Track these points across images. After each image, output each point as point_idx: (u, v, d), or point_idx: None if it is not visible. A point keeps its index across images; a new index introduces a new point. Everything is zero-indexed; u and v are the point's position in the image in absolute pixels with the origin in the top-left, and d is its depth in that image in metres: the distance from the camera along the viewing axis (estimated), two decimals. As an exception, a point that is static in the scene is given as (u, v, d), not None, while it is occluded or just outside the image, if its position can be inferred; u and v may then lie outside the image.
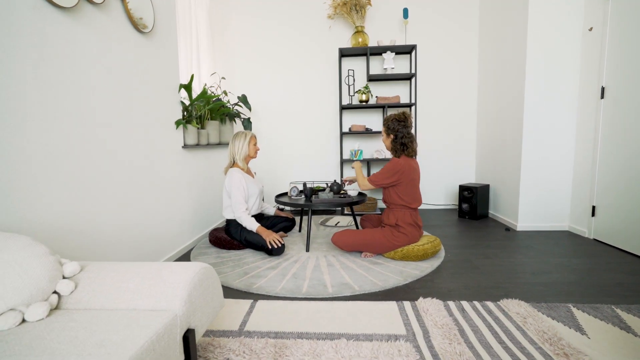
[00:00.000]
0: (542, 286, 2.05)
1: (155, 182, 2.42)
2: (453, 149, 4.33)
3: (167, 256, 2.55)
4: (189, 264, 1.28)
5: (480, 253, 2.67)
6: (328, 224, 3.60)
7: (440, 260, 2.52)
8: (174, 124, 2.70)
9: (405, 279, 2.18)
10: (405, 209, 2.50)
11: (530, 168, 3.21)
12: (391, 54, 3.95)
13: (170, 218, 2.62)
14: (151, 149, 2.37)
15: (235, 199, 2.70)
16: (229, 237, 2.84)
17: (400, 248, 2.49)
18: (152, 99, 2.40)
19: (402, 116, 2.51)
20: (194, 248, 2.91)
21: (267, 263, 2.51)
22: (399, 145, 2.50)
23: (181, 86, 2.76)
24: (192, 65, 3.67)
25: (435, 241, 2.55)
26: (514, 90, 3.34)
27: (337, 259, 2.56)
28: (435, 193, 4.40)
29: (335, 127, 4.39)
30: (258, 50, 4.36)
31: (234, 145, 2.81)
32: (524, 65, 3.13)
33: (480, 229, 3.40)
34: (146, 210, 2.30)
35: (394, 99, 4.00)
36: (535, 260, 2.49)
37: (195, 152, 3.09)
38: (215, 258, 2.65)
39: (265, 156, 4.51)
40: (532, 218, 3.27)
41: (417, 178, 2.54)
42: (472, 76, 4.20)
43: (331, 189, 3.01)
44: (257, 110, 4.43)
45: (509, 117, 3.45)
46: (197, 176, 3.11)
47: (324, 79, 4.34)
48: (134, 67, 2.18)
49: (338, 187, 3.01)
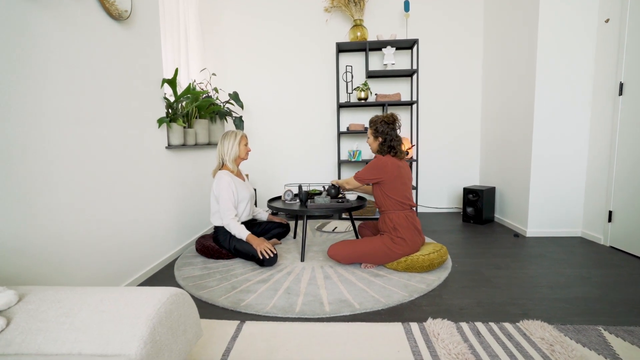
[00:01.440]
0: (563, 302, 1.83)
1: (134, 187, 2.18)
2: (456, 149, 4.12)
3: (148, 268, 2.32)
4: (155, 291, 1.06)
5: (490, 262, 2.46)
6: (325, 229, 3.37)
7: (448, 271, 2.30)
8: (156, 122, 2.46)
9: (410, 294, 1.96)
10: (399, 211, 2.30)
11: (541, 169, 3.00)
12: (391, 49, 3.73)
13: (152, 226, 2.39)
14: (129, 150, 2.13)
15: (223, 204, 2.47)
16: (217, 246, 2.61)
17: (404, 258, 2.27)
18: (131, 94, 2.16)
19: (391, 118, 2.37)
20: (179, 257, 2.67)
21: (257, 275, 2.29)
22: (386, 147, 2.36)
23: (164, 81, 2.53)
24: (180, 60, 3.44)
25: (441, 250, 2.34)
26: (523, 86, 3.13)
27: (335, 270, 2.34)
28: (438, 196, 4.19)
29: (332, 126, 4.17)
30: (251, 45, 4.12)
31: (223, 145, 2.58)
32: (535, 60, 2.92)
33: (487, 234, 3.19)
34: (122, 219, 2.07)
35: (394, 97, 3.78)
36: (550, 271, 2.28)
37: (181, 153, 2.86)
38: (201, 269, 2.42)
39: (258, 157, 4.28)
40: (543, 223, 3.06)
41: (406, 176, 2.35)
42: (476, 72, 3.99)
43: (328, 193, 2.79)
44: (250, 108, 4.20)
45: (517, 115, 3.24)
46: (183, 179, 2.88)
47: (321, 75, 4.11)
48: (107, 59, 1.94)
49: (336, 190, 2.79)
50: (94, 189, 1.82)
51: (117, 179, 2.02)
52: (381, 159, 2.30)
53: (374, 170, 2.29)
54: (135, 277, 2.17)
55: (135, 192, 2.19)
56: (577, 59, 2.87)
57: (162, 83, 2.51)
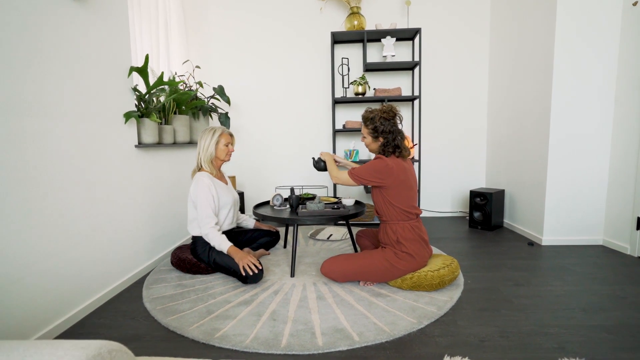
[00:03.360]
0: (604, 332, 1.53)
1: (93, 192, 1.84)
2: (460, 148, 3.82)
3: (110, 287, 1.98)
4: (77, 349, 0.72)
5: (506, 277, 2.15)
6: (319, 237, 3.05)
7: (460, 289, 1.99)
8: (123, 117, 2.13)
9: (419, 320, 1.64)
10: (404, 221, 1.97)
11: (558, 171, 2.70)
12: (391, 39, 3.42)
13: (117, 237, 2.05)
14: (86, 149, 1.79)
15: (201, 210, 2.14)
16: (195, 259, 2.27)
17: (410, 275, 1.96)
18: (90, 83, 1.82)
19: (391, 112, 1.99)
20: (152, 272, 2.34)
21: (239, 295, 1.96)
22: (391, 148, 1.99)
23: (132, 69, 2.19)
24: (160, 50, 3.10)
25: (452, 264, 2.02)
26: (537, 79, 2.83)
27: (330, 288, 2.01)
28: (441, 199, 3.88)
29: (327, 123, 3.85)
30: (239, 35, 3.79)
31: (199, 142, 2.25)
32: (552, 49, 2.62)
33: (498, 242, 2.88)
34: (78, 231, 1.73)
35: (394, 91, 3.47)
36: (578, 288, 1.97)
37: (155, 152, 2.52)
38: (175, 287, 2.08)
39: (247, 157, 3.95)
40: (560, 230, 2.77)
41: (412, 181, 2.02)
42: (483, 64, 3.69)
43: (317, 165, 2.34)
44: (237, 104, 3.86)
45: (530, 111, 2.95)
46: (158, 182, 2.54)
47: (314, 68, 3.79)
48: (58, 40, 1.61)
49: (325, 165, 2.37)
50: (37, 196, 1.49)
51: (69, 182, 1.68)
52: (385, 160, 1.95)
53: (377, 173, 1.94)
54: (90, 300, 1.83)
55: (95, 197, 1.86)
56: (599, 47, 2.57)
57: (130, 72, 2.17)
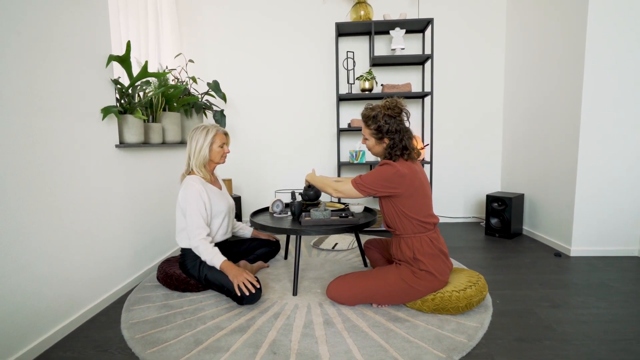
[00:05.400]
0: (676, 372, 1.26)
1: (63, 199, 1.57)
2: (473, 148, 3.55)
3: (85, 309, 1.70)
4: None
5: (540, 297, 1.88)
6: (323, 246, 2.78)
7: (489, 311, 1.72)
8: (100, 113, 1.85)
9: (448, 354, 1.37)
10: (421, 234, 1.70)
11: (589, 175, 2.44)
12: (401, 31, 3.15)
13: (93, 252, 1.77)
14: (53, 148, 1.52)
15: (191, 220, 1.87)
16: (184, 274, 2.00)
17: (431, 295, 1.69)
18: (57, 73, 1.55)
19: (396, 108, 1.70)
20: (135, 289, 2.06)
21: (234, 319, 1.68)
22: (398, 151, 1.69)
23: (112, 58, 1.91)
24: (149, 42, 2.83)
25: (479, 282, 1.75)
26: (565, 71, 2.57)
27: (338, 311, 1.74)
28: (452, 203, 3.61)
29: (330, 122, 3.58)
30: (236, 27, 3.52)
31: (190, 144, 1.98)
32: (584, 37, 2.36)
33: (521, 253, 2.61)
34: (42, 246, 1.46)
35: (404, 87, 3.21)
36: (630, 311, 1.70)
37: (140, 153, 2.24)
38: (159, 308, 1.81)
39: (244, 158, 3.67)
40: (591, 240, 2.50)
41: (426, 185, 1.75)
42: (499, 57, 3.42)
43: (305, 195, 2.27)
44: (234, 101, 3.59)
45: (557, 107, 2.68)
46: (142, 186, 2.27)
47: (317, 62, 3.52)
48: (15, 23, 1.33)
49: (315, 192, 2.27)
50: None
51: (32, 188, 1.41)
52: (394, 166, 1.64)
53: (387, 181, 1.64)
54: (57, 327, 1.55)
55: (64, 205, 1.58)
56: (636, 36, 2.31)
57: (109, 61, 1.90)
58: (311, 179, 1.96)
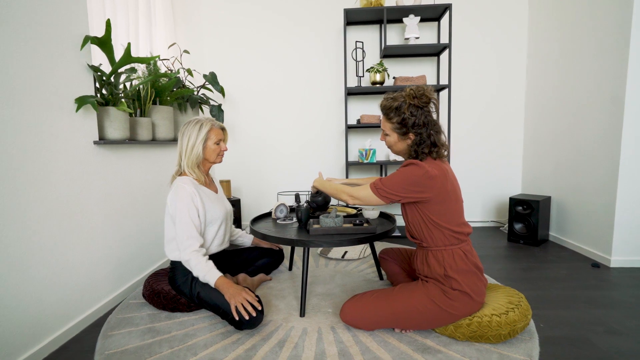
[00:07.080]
0: None
1: (27, 204, 1.29)
2: (493, 146, 3.27)
3: (52, 337, 1.43)
4: None
5: (591, 319, 1.60)
6: (330, 255, 2.50)
7: (535, 339, 1.44)
8: (74, 103, 1.58)
9: (498, 402, 1.09)
10: (453, 246, 1.42)
11: (632, 178, 2.16)
12: (415, 18, 2.88)
13: (65, 267, 1.50)
14: (20, 145, 1.24)
15: (181, 228, 1.59)
16: (174, 291, 1.72)
17: (467, 319, 1.41)
18: (22, 55, 1.28)
19: (424, 97, 1.40)
20: (116, 309, 1.78)
21: (230, 348, 1.41)
22: (426, 148, 1.41)
23: (88, 39, 1.64)
24: (139, 28, 2.56)
25: (521, 303, 1.47)
26: (604, 62, 2.29)
27: (355, 339, 1.47)
28: (470, 206, 3.33)
29: (338, 118, 3.30)
30: (235, 15, 3.24)
31: (181, 140, 1.70)
32: (629, 24, 2.08)
33: (553, 263, 2.34)
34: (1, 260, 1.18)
35: (418, 80, 2.93)
36: (699, 338, 1.43)
37: (125, 151, 1.97)
38: (143, 334, 1.53)
39: (244, 157, 3.40)
40: (633, 249, 2.22)
41: (457, 188, 1.48)
42: (522, 46, 3.14)
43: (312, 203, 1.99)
44: (233, 95, 3.31)
45: (592, 102, 2.40)
46: (127, 189, 1.99)
47: (324, 53, 3.24)
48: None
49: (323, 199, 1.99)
50: None
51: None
52: (422, 166, 1.36)
53: (414, 185, 1.36)
54: (18, 360, 1.27)
55: (28, 210, 1.30)
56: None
57: (84, 42, 1.62)
58: (320, 185, 1.70)
